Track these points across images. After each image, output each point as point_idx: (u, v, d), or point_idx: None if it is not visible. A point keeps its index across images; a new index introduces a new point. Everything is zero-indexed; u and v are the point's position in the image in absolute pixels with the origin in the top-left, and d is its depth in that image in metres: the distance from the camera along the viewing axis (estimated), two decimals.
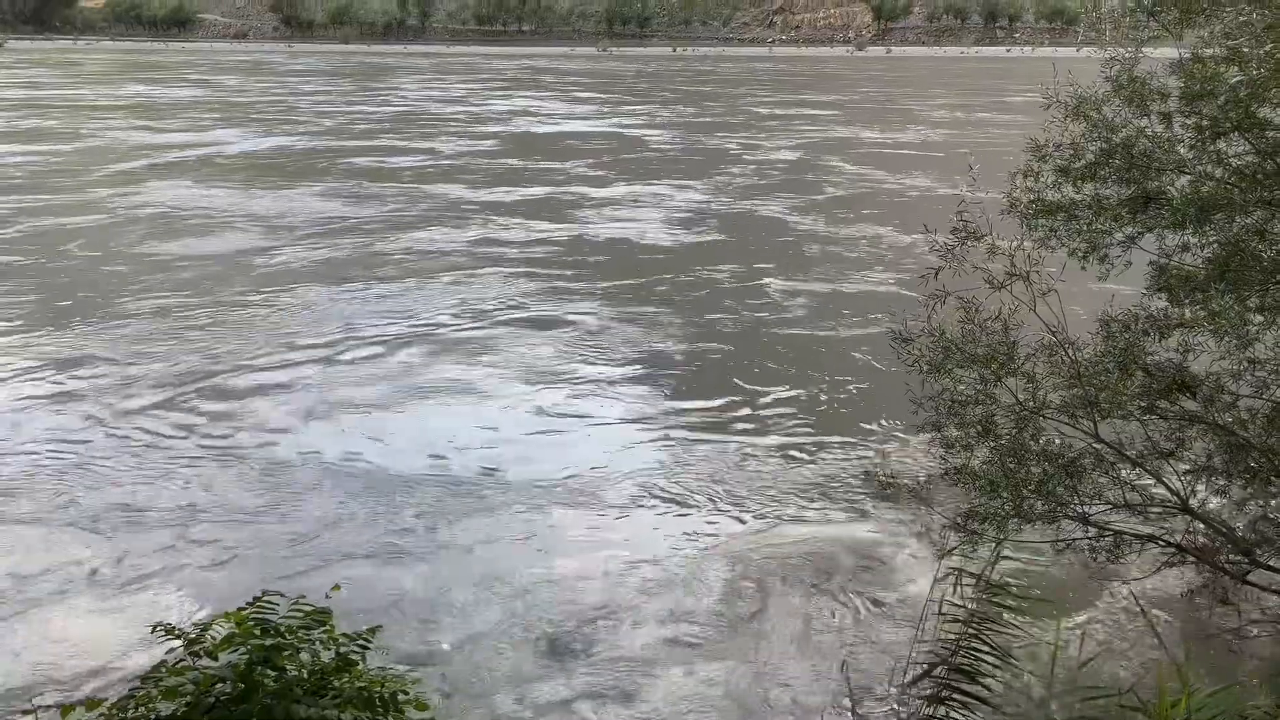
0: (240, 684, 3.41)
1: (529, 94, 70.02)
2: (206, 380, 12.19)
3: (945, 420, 6.14)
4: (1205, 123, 6.11)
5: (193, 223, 22.42)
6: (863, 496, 8.85)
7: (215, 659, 3.55)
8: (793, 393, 11.90)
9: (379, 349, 13.48)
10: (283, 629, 3.66)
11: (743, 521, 8.59)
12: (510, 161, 33.48)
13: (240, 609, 3.76)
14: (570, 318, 15.11)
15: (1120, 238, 6.39)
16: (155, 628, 3.76)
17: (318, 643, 3.69)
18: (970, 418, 5.96)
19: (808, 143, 40.22)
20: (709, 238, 21.46)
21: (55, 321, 14.69)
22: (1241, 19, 5.67)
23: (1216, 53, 6.18)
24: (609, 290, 16.87)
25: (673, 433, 10.66)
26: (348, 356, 13.17)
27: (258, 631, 3.59)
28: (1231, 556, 6.17)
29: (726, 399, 11.70)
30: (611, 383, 12.30)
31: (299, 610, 3.82)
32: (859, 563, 7.89)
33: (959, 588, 5.29)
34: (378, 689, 3.61)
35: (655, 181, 29.13)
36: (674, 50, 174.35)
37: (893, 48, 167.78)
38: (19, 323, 14.61)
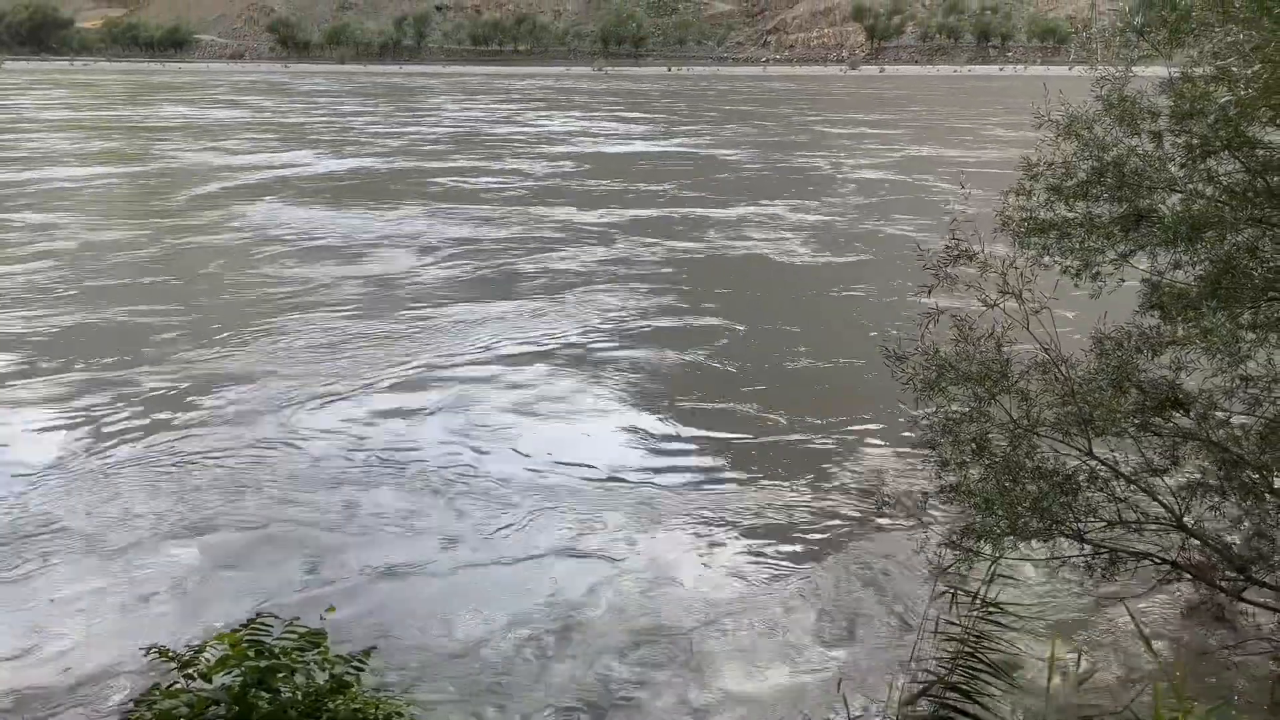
0: (234, 706, 3.39)
1: (572, 114, 70.32)
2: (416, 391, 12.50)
3: (940, 438, 6.14)
4: (1195, 141, 6.15)
5: (329, 243, 22.53)
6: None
7: (209, 681, 3.53)
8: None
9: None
10: (277, 650, 3.65)
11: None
12: (603, 183, 33.42)
13: (234, 630, 3.74)
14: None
15: (1112, 255, 6.42)
16: (149, 650, 3.74)
17: (312, 664, 3.68)
18: (964, 435, 5.96)
19: (893, 162, 40.21)
20: (849, 258, 21.47)
21: (231, 340, 14.75)
22: (1229, 39, 5.72)
23: (1206, 72, 6.22)
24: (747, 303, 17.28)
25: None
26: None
27: (252, 653, 3.58)
28: (1227, 574, 6.17)
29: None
30: None
31: (293, 632, 3.81)
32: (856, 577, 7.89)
33: (955, 606, 5.29)
34: (372, 711, 3.60)
35: (766, 202, 29.03)
36: (669, 70, 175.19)
37: (886, 66, 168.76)
38: (185, 343, 14.62)
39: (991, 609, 5.13)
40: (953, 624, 5.07)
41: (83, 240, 22.54)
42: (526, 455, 10.56)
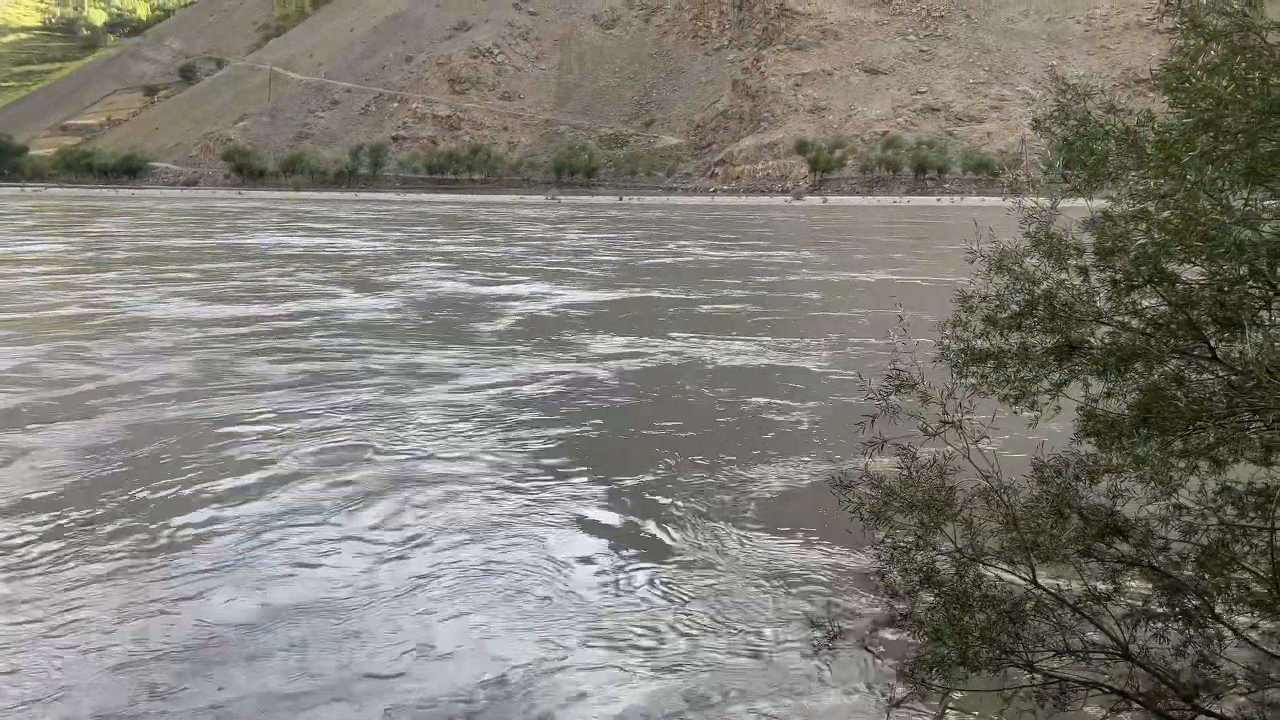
0: None
1: (690, 242, 71.15)
2: None
3: (888, 566, 6.15)
4: (1119, 277, 6.44)
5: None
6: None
7: None
8: None
9: None
10: None
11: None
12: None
13: None
14: None
15: (1047, 385, 6.61)
16: None
17: None
18: (911, 564, 5.99)
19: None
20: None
21: None
22: (1144, 184, 6.06)
23: (1126, 210, 6.57)
24: None
25: None
26: None
27: None
28: (1174, 702, 6.17)
29: None
30: None
31: None
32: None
33: None
34: None
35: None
36: (620, 199, 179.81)
37: (828, 197, 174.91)
38: None
39: None
40: None
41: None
42: None
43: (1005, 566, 6.06)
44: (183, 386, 20.40)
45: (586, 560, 11.10)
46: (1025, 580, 5.98)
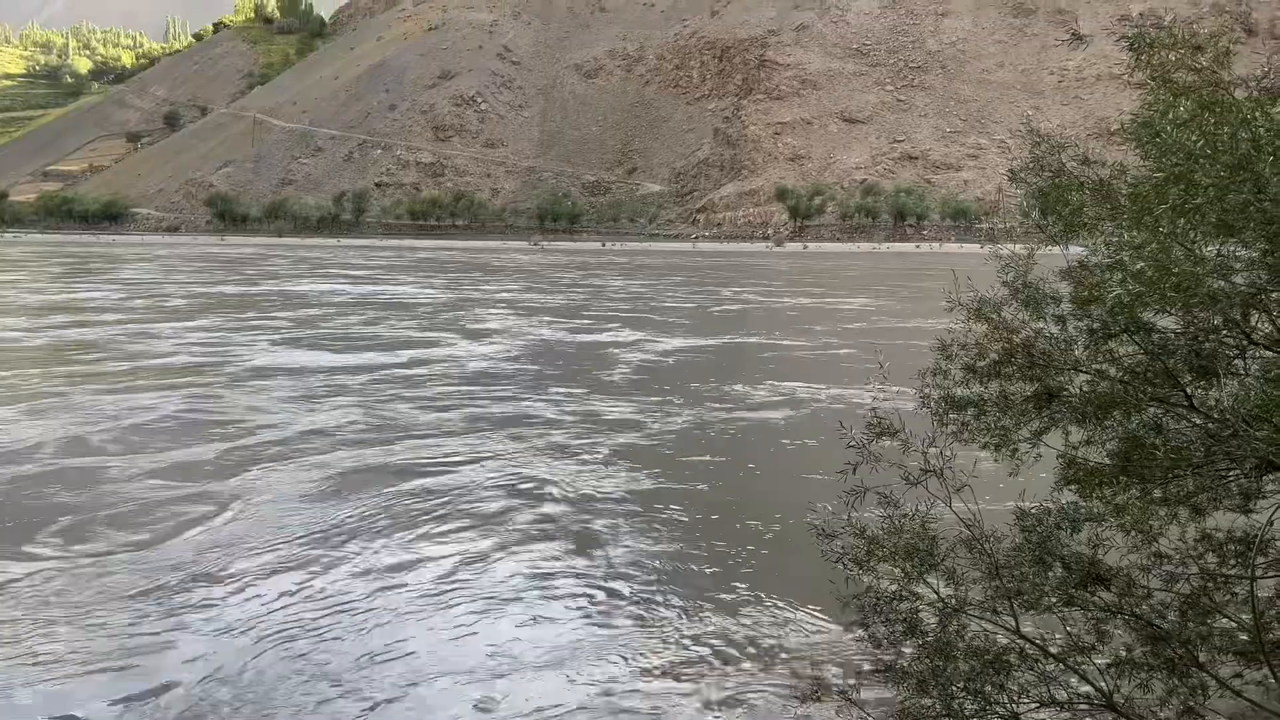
0: None
1: (735, 287, 70.88)
2: None
3: (872, 617, 6.13)
4: (1096, 325, 6.51)
5: None
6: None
7: None
8: None
9: None
10: None
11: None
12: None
13: None
14: None
15: (1027, 433, 6.64)
16: None
17: None
18: (895, 614, 5.96)
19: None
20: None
21: None
22: (1118, 235, 6.14)
23: (1102, 259, 6.65)
24: None
25: None
26: None
27: None
28: None
29: None
30: None
31: None
32: None
33: None
34: None
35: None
36: (603, 245, 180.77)
37: (808, 244, 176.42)
38: None
39: None
40: None
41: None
42: None
43: (988, 616, 6.04)
44: (362, 433, 20.12)
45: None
46: (1008, 630, 5.97)
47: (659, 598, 11.37)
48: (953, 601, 5.93)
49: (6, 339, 35.86)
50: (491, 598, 11.26)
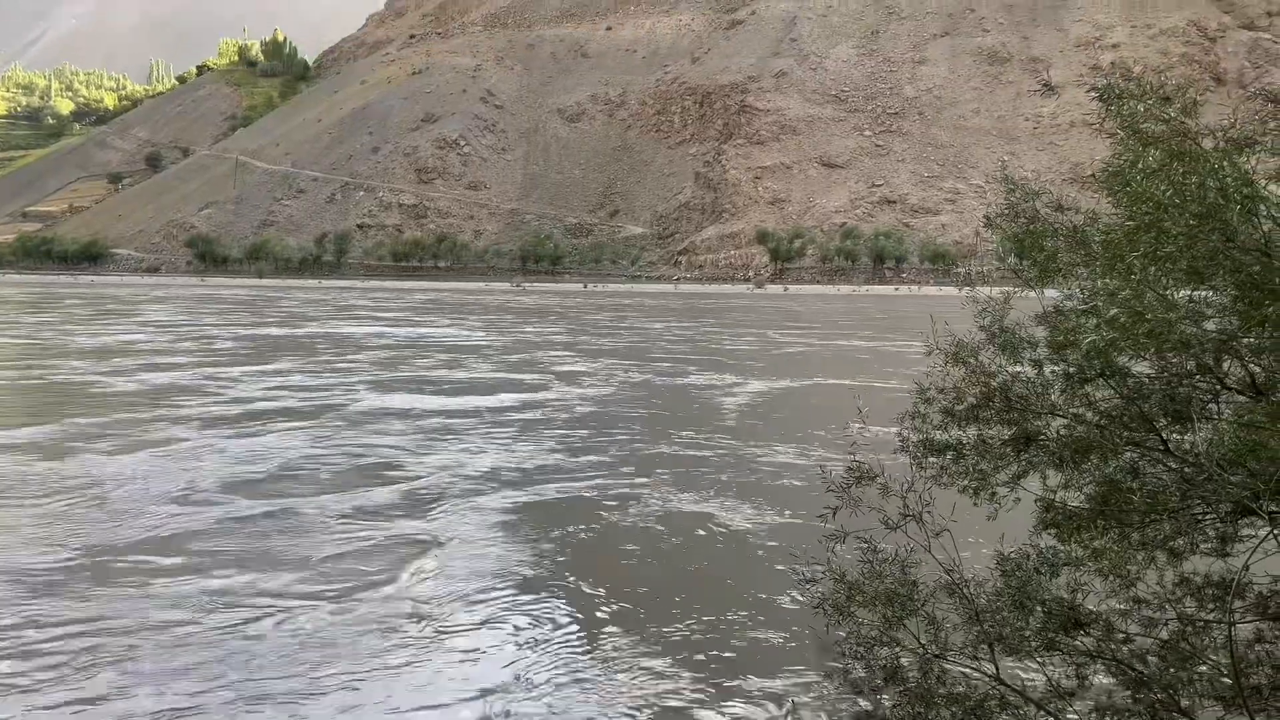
0: None
1: (766, 329, 70.22)
2: None
3: (852, 664, 6.09)
4: (1072, 369, 6.57)
5: None
6: None
7: None
8: None
9: None
10: None
11: None
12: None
13: None
14: None
15: (1005, 477, 6.67)
16: None
17: None
18: (875, 660, 5.93)
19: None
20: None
21: None
22: (1092, 281, 6.23)
23: (1077, 304, 6.74)
24: None
25: None
26: None
27: None
28: None
29: None
30: None
31: None
32: None
33: None
34: None
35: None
36: (584, 286, 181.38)
37: (789, 286, 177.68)
38: None
39: None
40: None
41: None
42: None
43: (969, 662, 6.02)
44: (515, 475, 19.81)
45: None
46: (989, 676, 5.94)
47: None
48: (933, 647, 5.90)
49: (95, 383, 34.78)
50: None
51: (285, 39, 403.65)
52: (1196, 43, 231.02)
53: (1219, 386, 6.08)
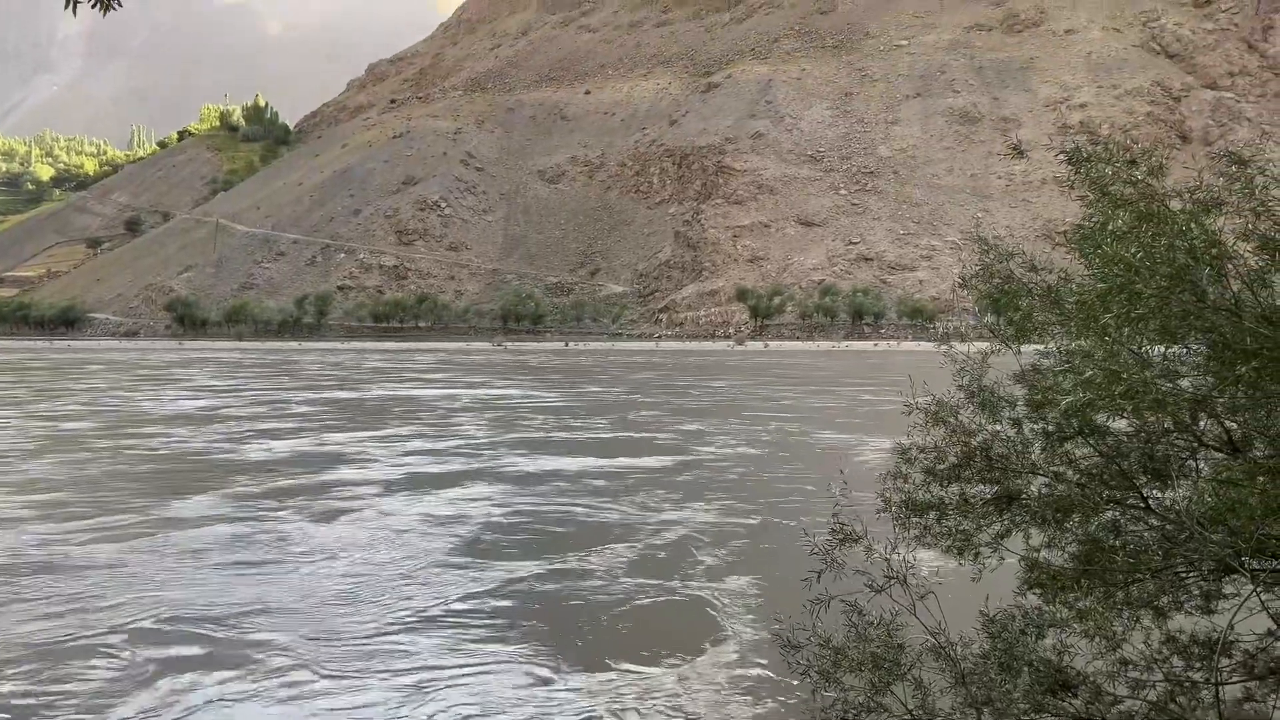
0: None
1: (801, 386, 67.06)
2: None
3: None
4: (1051, 428, 6.61)
5: None
6: None
7: None
8: None
9: None
10: None
11: None
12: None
13: None
14: None
15: (988, 536, 6.65)
16: None
17: None
18: None
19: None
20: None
21: None
22: (1067, 341, 6.29)
23: (1054, 363, 6.79)
24: None
25: None
26: None
27: None
28: None
29: None
30: None
31: None
32: None
33: None
34: None
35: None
36: (566, 345, 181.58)
37: (769, 342, 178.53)
38: None
39: None
40: None
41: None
42: None
43: None
44: (744, 539, 18.99)
45: None
46: None
47: None
48: (920, 712, 5.83)
49: (215, 449, 33.12)
50: None
51: (266, 104, 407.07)
52: (1161, 102, 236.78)
53: (1196, 444, 6.12)
